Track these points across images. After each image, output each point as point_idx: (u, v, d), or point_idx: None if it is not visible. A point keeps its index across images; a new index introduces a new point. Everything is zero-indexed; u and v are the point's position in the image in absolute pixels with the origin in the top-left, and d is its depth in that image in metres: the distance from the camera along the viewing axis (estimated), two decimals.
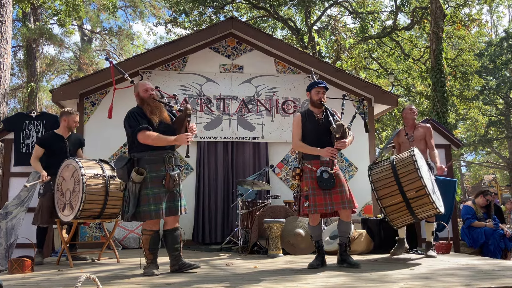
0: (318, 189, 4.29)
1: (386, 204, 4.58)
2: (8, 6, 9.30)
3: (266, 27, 20.59)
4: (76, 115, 5.53)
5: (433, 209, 4.53)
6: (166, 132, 4.05)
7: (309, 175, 4.36)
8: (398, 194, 4.53)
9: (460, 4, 17.24)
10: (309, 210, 4.30)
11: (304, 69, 7.99)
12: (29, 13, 17.72)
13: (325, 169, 4.29)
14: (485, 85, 23.71)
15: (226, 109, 7.73)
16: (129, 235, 6.89)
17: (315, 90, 4.50)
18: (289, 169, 7.78)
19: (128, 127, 4.05)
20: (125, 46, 24.67)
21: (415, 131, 5.63)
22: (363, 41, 18.75)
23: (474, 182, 34.20)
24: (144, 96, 4.13)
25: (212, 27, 8.17)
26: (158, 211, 3.92)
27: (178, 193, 4.08)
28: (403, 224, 4.70)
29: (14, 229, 6.17)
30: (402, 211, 4.57)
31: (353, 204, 4.31)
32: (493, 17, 29.46)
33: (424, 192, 4.46)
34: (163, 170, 3.98)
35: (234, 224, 7.09)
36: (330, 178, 4.28)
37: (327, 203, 4.28)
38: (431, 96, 13.43)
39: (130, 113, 4.11)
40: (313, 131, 4.43)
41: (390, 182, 4.58)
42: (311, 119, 4.48)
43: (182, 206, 4.09)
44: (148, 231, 4.01)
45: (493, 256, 6.42)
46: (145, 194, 3.94)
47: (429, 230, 5.18)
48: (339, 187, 4.31)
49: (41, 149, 5.34)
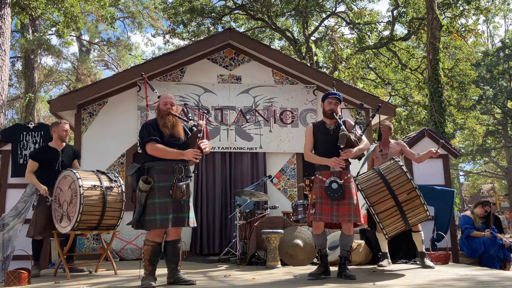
0: (326, 198, 4.31)
1: (378, 210, 4.59)
2: (7, 18, 9.35)
3: (264, 38, 20.69)
4: (65, 124, 5.49)
5: (424, 211, 4.57)
6: (179, 146, 4.08)
7: (319, 184, 4.39)
8: (390, 198, 4.55)
9: (456, 15, 17.39)
10: (314, 217, 4.33)
11: (302, 79, 8.03)
12: (28, 24, 17.79)
13: (334, 179, 4.31)
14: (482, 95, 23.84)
15: (224, 119, 7.74)
16: (127, 246, 6.86)
17: (327, 100, 4.53)
18: (287, 179, 7.78)
19: (140, 137, 4.16)
20: (123, 56, 24.75)
21: (390, 149, 5.65)
22: (361, 51, 18.86)
23: (473, 191, 34.22)
24: (162, 109, 4.18)
25: (210, 38, 8.21)
26: (164, 221, 3.91)
27: (187, 204, 4.08)
28: (394, 232, 4.68)
29: (10, 241, 6.12)
30: (394, 216, 4.58)
31: (359, 218, 4.30)
32: (490, 27, 29.68)
33: (416, 194, 4.49)
34: (171, 180, 4.00)
35: (232, 235, 7.06)
36: (339, 189, 4.28)
37: (333, 214, 4.29)
38: (429, 106, 13.47)
39: (145, 124, 4.18)
40: (325, 142, 4.46)
41: (381, 188, 4.60)
42: (322, 130, 4.52)
43: (190, 218, 4.08)
44: (150, 241, 3.99)
45: (492, 266, 6.39)
46: (151, 203, 3.95)
47: (418, 239, 5.14)
48: (347, 199, 4.31)
49: (35, 163, 5.32)
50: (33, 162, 5.32)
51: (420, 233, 5.13)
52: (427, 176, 7.28)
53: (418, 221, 4.75)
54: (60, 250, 5.05)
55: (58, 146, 5.42)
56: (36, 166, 5.32)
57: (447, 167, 7.53)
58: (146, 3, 23.82)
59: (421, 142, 7.42)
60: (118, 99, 7.62)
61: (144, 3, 23.83)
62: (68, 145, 5.57)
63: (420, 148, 6.72)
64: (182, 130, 4.21)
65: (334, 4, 19.09)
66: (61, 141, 5.44)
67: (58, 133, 5.41)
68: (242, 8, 18.46)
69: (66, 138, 5.52)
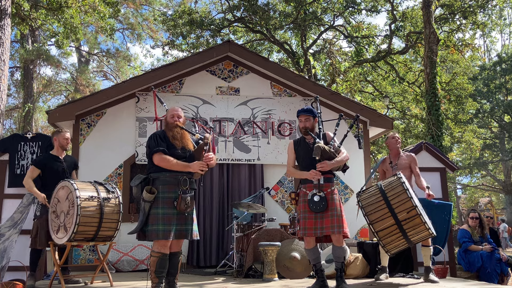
0: (310, 212, 4.33)
1: (378, 228, 4.56)
2: (7, 28, 9.38)
3: (263, 50, 20.80)
4: (65, 133, 5.52)
5: (426, 230, 4.51)
6: (187, 159, 4.10)
7: (303, 198, 4.45)
8: (389, 217, 4.52)
9: (453, 29, 17.54)
10: (299, 233, 4.41)
11: (300, 91, 8.06)
12: (27, 34, 17.85)
13: (316, 192, 4.34)
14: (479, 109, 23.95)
15: (222, 131, 7.75)
16: (123, 257, 6.82)
17: (299, 119, 4.65)
18: (285, 191, 7.77)
19: (147, 147, 4.18)
20: (122, 67, 24.81)
21: (399, 160, 5.66)
22: (358, 64, 18.95)
23: (470, 205, 34.17)
24: (169, 122, 4.22)
25: (209, 50, 8.25)
26: (166, 231, 3.90)
27: (190, 216, 4.09)
28: (397, 249, 4.65)
29: (6, 251, 6.08)
30: (394, 234, 4.54)
31: (343, 229, 4.29)
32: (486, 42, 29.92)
33: (416, 212, 4.46)
34: (176, 192, 4.01)
35: (229, 247, 7.03)
36: (321, 201, 4.31)
37: (317, 227, 4.31)
38: (426, 119, 13.51)
39: (152, 135, 4.21)
40: (306, 156, 4.53)
41: (381, 205, 4.58)
42: (303, 145, 4.61)
43: (194, 231, 4.10)
44: (156, 252, 3.96)
45: (490, 280, 6.36)
46: (154, 214, 3.95)
47: (427, 254, 5.12)
48: (330, 211, 4.32)
49: (37, 170, 5.32)
50: (34, 169, 5.32)
51: (429, 248, 5.10)
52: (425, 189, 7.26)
53: (421, 239, 4.71)
54: (56, 261, 5.01)
55: (60, 154, 5.45)
56: (37, 173, 5.32)
57: (444, 180, 7.52)
58: (146, 15, 23.96)
59: (419, 155, 7.43)
60: (117, 110, 7.63)
61: (144, 15, 23.97)
62: (67, 155, 5.59)
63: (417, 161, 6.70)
64: (190, 142, 4.23)
65: (332, 18, 19.23)
66: (62, 150, 5.46)
67: (59, 141, 5.43)
68: (241, 20, 18.57)
69: (67, 147, 5.55)
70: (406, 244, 4.60)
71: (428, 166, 7.31)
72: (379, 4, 18.73)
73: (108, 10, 14.29)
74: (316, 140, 4.42)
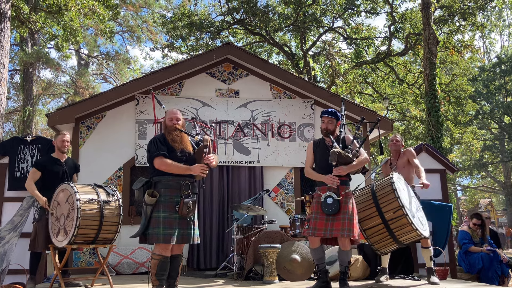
0: (322, 213, 4.35)
1: (366, 227, 4.63)
2: (6, 31, 9.39)
3: (262, 52, 20.81)
4: (63, 135, 5.51)
5: (413, 230, 4.51)
6: (187, 161, 4.10)
7: (316, 199, 4.49)
8: (376, 216, 4.56)
9: (453, 31, 17.55)
10: (307, 232, 4.42)
11: (300, 93, 8.06)
12: (27, 37, 17.85)
13: (330, 194, 4.35)
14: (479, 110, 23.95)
15: (222, 133, 7.75)
16: (123, 260, 6.81)
17: (321, 119, 4.64)
18: (285, 193, 7.77)
19: (147, 151, 4.17)
20: (121, 70, 24.83)
21: (399, 160, 5.71)
22: (358, 66, 18.96)
23: (470, 206, 34.16)
24: (168, 125, 4.21)
25: (209, 52, 8.26)
26: (167, 235, 3.90)
27: (192, 221, 4.08)
28: (385, 248, 4.66)
29: (6, 254, 6.07)
30: (382, 233, 4.57)
31: (352, 233, 4.29)
32: (486, 43, 29.94)
33: (402, 212, 4.46)
34: (178, 196, 4.01)
35: (230, 250, 7.02)
36: (334, 204, 4.31)
37: (327, 229, 4.32)
38: (426, 120, 13.52)
39: (152, 139, 4.21)
40: (322, 158, 4.53)
41: (369, 204, 4.63)
42: (322, 146, 4.62)
43: (195, 235, 4.10)
44: (157, 255, 3.96)
45: (490, 282, 6.36)
46: (156, 217, 3.95)
47: (427, 255, 5.12)
48: (342, 214, 4.32)
49: (38, 172, 5.32)
50: (36, 171, 5.31)
51: (429, 249, 5.09)
52: (424, 190, 7.26)
53: (410, 240, 4.71)
54: (56, 264, 5.01)
55: (60, 157, 5.44)
56: (38, 175, 5.31)
57: (445, 182, 7.52)
58: (145, 17, 23.98)
59: (419, 157, 7.42)
60: (116, 112, 7.63)
61: (143, 18, 23.99)
62: (69, 157, 5.60)
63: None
64: (190, 144, 4.23)
65: (332, 20, 19.25)
66: (61, 152, 5.46)
67: (57, 144, 5.45)
68: (240, 23, 18.58)
69: (64, 149, 5.52)
70: (395, 244, 4.61)
71: (428, 168, 7.30)
72: (378, 6, 18.75)
73: (107, 13, 14.31)
74: (334, 145, 4.41)
